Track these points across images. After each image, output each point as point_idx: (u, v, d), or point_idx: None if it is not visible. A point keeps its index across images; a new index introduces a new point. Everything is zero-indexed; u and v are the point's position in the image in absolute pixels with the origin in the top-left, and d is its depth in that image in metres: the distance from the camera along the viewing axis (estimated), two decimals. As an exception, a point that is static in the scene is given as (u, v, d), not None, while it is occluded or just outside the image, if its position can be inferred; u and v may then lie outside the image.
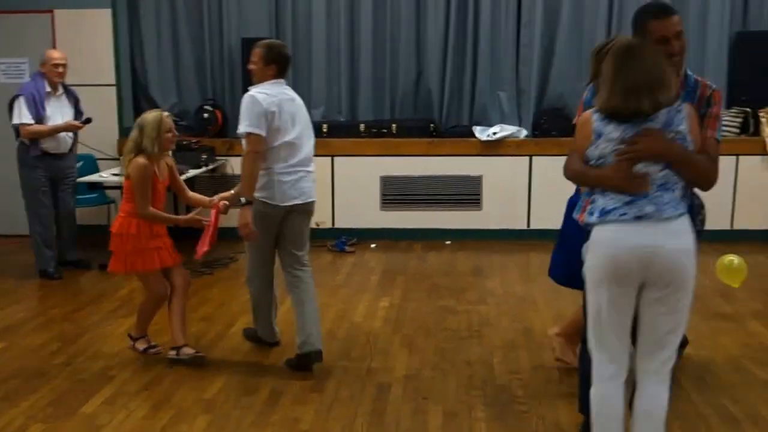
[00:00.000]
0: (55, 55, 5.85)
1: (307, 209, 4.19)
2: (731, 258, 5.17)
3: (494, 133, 6.80)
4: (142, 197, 4.04)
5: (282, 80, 4.17)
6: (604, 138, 2.74)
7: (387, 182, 7.02)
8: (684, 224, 2.73)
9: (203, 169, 6.57)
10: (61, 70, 5.81)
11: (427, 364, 4.19)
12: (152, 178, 4.10)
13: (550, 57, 7.01)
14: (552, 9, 6.95)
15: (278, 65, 4.11)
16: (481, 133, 6.86)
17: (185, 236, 4.73)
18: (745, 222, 6.84)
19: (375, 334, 4.67)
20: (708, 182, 2.83)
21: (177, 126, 4.42)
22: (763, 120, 6.68)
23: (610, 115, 2.72)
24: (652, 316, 2.73)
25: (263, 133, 3.95)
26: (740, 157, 6.72)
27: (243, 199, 3.97)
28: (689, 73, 3.08)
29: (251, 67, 4.15)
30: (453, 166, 6.91)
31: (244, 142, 3.98)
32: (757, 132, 6.74)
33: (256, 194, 4.01)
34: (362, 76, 7.19)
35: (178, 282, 4.25)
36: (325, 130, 7.00)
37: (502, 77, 7.08)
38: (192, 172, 6.31)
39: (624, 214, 2.68)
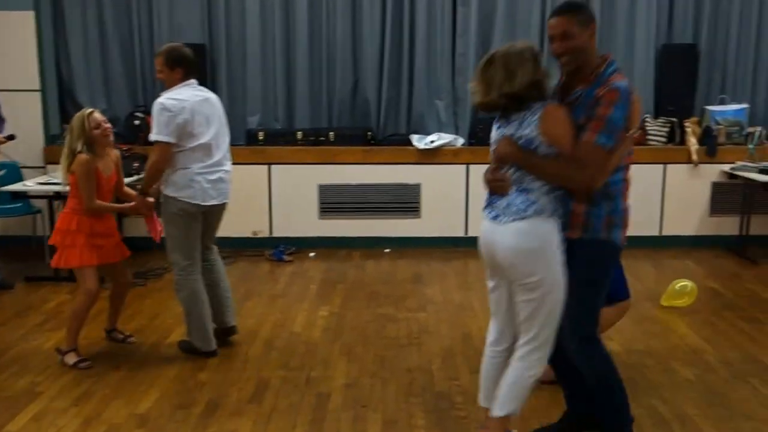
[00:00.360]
0: None
1: (223, 208, 4.46)
2: (684, 283, 5.36)
3: (432, 142, 6.86)
4: (87, 191, 4.16)
5: (193, 81, 4.26)
6: (492, 141, 3.07)
7: (325, 190, 7.00)
8: (520, 226, 2.92)
9: (135, 177, 6.43)
10: None
11: (366, 373, 4.19)
12: (96, 174, 4.18)
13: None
14: (486, 20, 7.05)
15: (184, 67, 4.19)
16: (419, 141, 6.91)
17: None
18: (673, 228, 7.06)
19: (314, 343, 4.65)
20: (572, 184, 2.94)
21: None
22: (689, 130, 6.91)
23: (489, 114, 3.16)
24: (514, 302, 3.07)
25: (172, 140, 4.07)
26: (667, 166, 6.93)
27: (142, 192, 4.29)
28: (608, 71, 2.97)
29: (159, 76, 4.25)
30: (391, 175, 6.95)
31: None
32: (683, 141, 6.96)
33: (178, 194, 4.16)
34: (299, 83, 7.16)
35: (121, 280, 4.49)
36: (261, 137, 6.95)
37: (439, 86, 7.15)
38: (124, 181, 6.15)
39: (488, 212, 3.04)
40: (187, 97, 4.13)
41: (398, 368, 4.25)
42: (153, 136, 4.09)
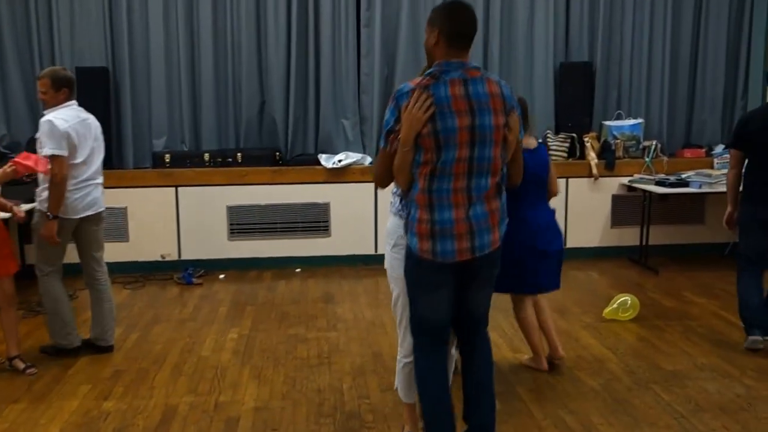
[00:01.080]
0: None
1: (98, 217, 4.72)
2: (624, 298, 5.47)
3: (339, 161, 6.88)
4: None
5: (74, 102, 4.55)
6: None
7: (234, 212, 6.91)
8: (387, 224, 3.34)
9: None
10: None
11: (276, 395, 4.14)
12: None
13: (389, 86, 7.19)
14: (390, 40, 7.16)
15: (69, 88, 4.50)
16: (327, 161, 6.91)
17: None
18: (577, 240, 7.27)
19: (223, 366, 4.57)
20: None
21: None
22: (588, 144, 7.16)
23: None
24: None
25: (66, 153, 4.36)
26: (569, 180, 7.15)
27: (51, 215, 4.38)
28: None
29: (42, 97, 4.47)
30: (300, 194, 6.92)
31: (49, 166, 4.30)
32: (583, 156, 7.20)
33: (46, 208, 4.41)
34: (205, 105, 7.07)
35: (9, 291, 4.41)
36: (167, 160, 6.81)
37: (345, 106, 7.19)
38: (25, 207, 5.91)
39: None
40: (69, 117, 4.43)
41: (309, 389, 4.22)
42: (50, 151, 4.29)
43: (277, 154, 7.04)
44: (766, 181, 4.66)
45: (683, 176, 6.86)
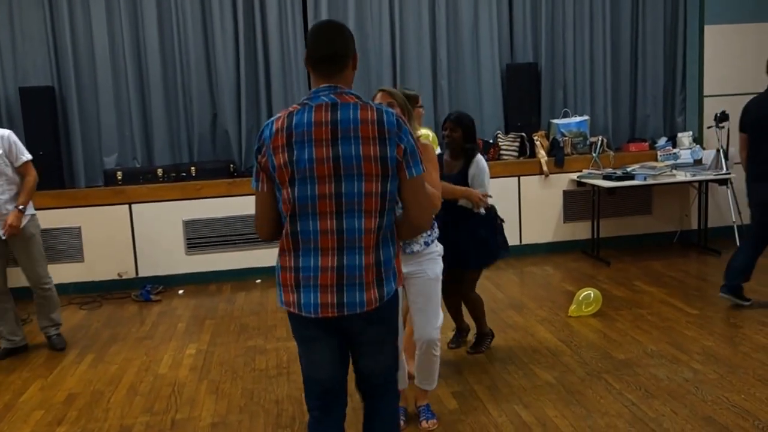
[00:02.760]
0: None
1: None
2: (587, 292, 5.55)
3: (293, 170, 6.89)
4: None
5: None
6: None
7: (190, 226, 6.90)
8: None
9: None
10: None
11: (234, 408, 4.16)
12: None
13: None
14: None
15: None
16: (281, 170, 6.92)
17: None
18: (531, 237, 7.40)
19: (180, 383, 4.57)
20: None
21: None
22: (537, 143, 7.29)
23: None
24: None
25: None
26: (521, 178, 7.27)
27: (22, 207, 4.99)
28: None
29: None
30: (256, 205, 6.92)
31: (25, 167, 5.04)
32: (534, 154, 7.33)
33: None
34: (155, 120, 7.04)
35: None
36: (119, 177, 6.78)
37: (298, 114, 7.20)
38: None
39: None
40: None
41: (267, 400, 4.25)
42: (28, 156, 5.09)
43: (232, 165, 7.04)
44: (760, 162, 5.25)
45: (629, 169, 7.03)
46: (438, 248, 3.71)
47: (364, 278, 2.50)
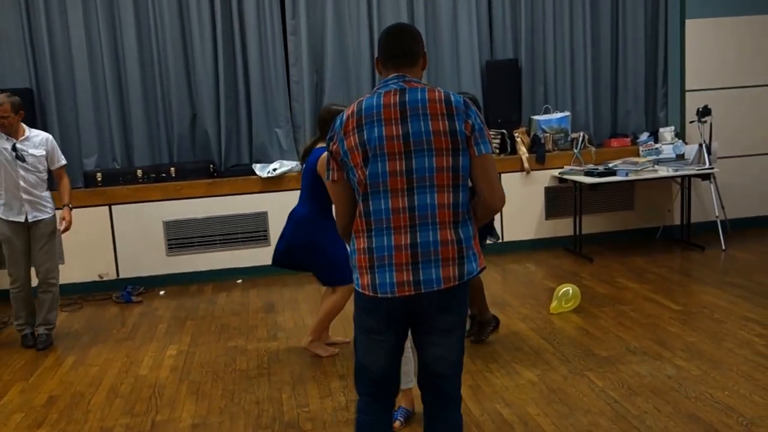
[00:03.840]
0: None
1: None
2: (566, 288, 5.55)
3: (274, 170, 6.86)
4: None
5: None
6: None
7: (171, 227, 6.85)
8: None
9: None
10: None
11: (214, 410, 4.12)
12: None
13: (320, 93, 7.21)
14: (317, 48, 7.17)
15: (24, 111, 5.24)
16: (262, 170, 6.89)
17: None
18: (513, 234, 7.39)
19: (161, 385, 4.53)
20: None
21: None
22: (518, 139, 7.27)
23: None
24: None
25: None
26: (502, 175, 7.24)
27: (72, 206, 5.49)
28: None
29: (6, 121, 5.05)
30: (237, 205, 6.89)
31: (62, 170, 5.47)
32: (515, 151, 7.32)
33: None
34: (134, 121, 6.98)
35: None
36: (99, 179, 6.72)
37: (277, 114, 7.18)
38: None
39: None
40: None
41: (247, 401, 4.21)
42: (65, 160, 5.50)
43: (212, 166, 7.00)
44: None
45: (611, 165, 7.03)
46: None
47: (440, 254, 2.53)
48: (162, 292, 6.70)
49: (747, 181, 7.71)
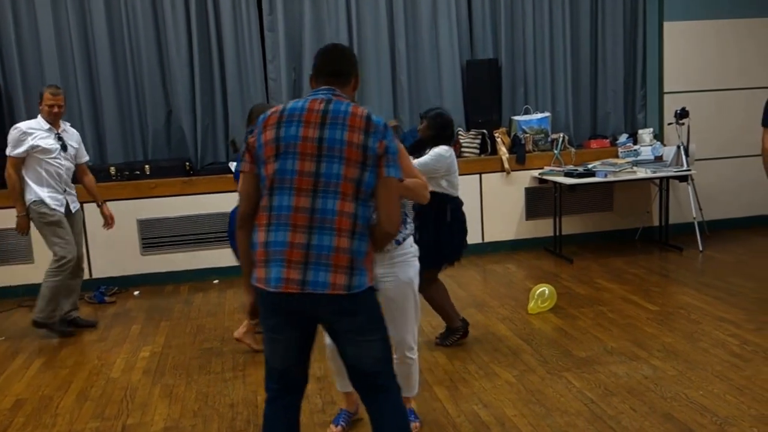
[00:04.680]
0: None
1: None
2: (542, 289, 5.53)
3: (251, 168, 6.77)
4: None
5: None
6: None
7: (145, 225, 6.75)
8: None
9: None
10: None
11: (188, 413, 4.04)
12: None
13: (298, 90, 7.14)
14: (294, 44, 7.10)
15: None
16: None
17: None
18: (493, 235, 7.37)
19: (133, 387, 4.44)
20: None
21: None
22: (499, 140, 7.25)
23: None
24: None
25: None
26: (483, 175, 7.24)
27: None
28: None
29: (62, 110, 5.37)
30: (213, 204, 6.79)
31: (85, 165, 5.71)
32: (495, 151, 7.29)
33: None
34: (107, 118, 6.87)
35: None
36: (71, 176, 6.61)
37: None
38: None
39: None
40: None
41: (221, 404, 4.13)
42: (87, 156, 5.72)
43: (187, 164, 6.90)
44: None
45: (590, 166, 7.03)
46: (413, 249, 3.51)
47: (332, 260, 2.55)
48: (136, 293, 6.60)
49: (723, 183, 7.76)
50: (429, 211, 4.48)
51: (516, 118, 7.42)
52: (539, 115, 7.41)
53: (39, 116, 5.33)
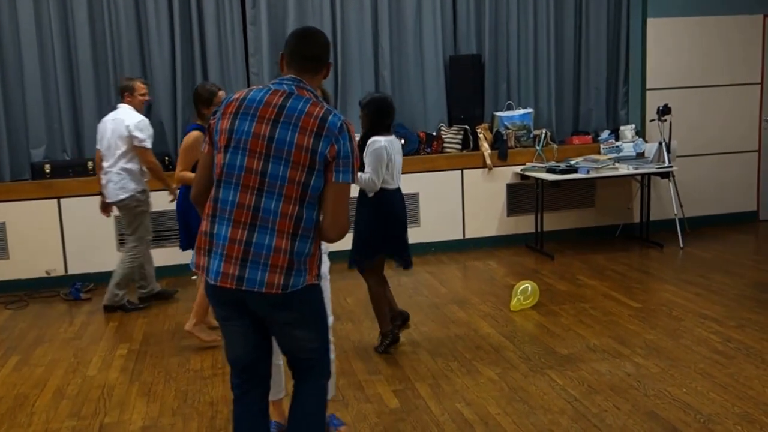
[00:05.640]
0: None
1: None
2: (525, 286, 5.49)
3: (231, 163, 6.69)
4: None
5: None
6: None
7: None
8: None
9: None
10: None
11: (166, 411, 3.97)
12: None
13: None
14: (277, 38, 6.99)
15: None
16: (219, 162, 6.72)
17: None
18: (475, 231, 7.34)
19: (110, 386, 4.36)
20: None
21: None
22: (481, 135, 7.22)
23: None
24: None
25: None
26: (464, 171, 7.20)
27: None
28: None
29: (148, 97, 5.85)
30: (192, 198, 6.70)
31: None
32: (477, 146, 7.26)
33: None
34: (86, 111, 6.74)
35: None
36: (47, 170, 6.49)
37: (236, 105, 7.01)
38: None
39: None
40: None
41: (201, 402, 4.07)
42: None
43: (167, 158, 6.79)
44: None
45: (572, 162, 7.02)
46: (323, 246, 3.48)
47: (270, 260, 2.55)
48: (113, 289, 6.50)
49: (704, 180, 7.79)
50: (364, 203, 4.52)
51: (498, 113, 7.39)
52: (522, 111, 7.38)
53: (128, 107, 5.69)
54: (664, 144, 7.04)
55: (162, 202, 6.31)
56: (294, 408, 2.83)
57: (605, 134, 7.55)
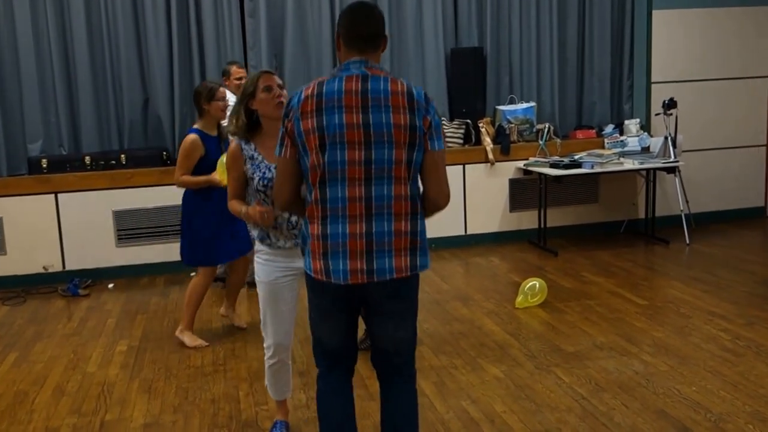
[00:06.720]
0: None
1: None
2: (532, 283, 5.41)
3: (230, 158, 6.62)
4: None
5: None
6: None
7: (121, 216, 6.56)
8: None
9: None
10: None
11: (167, 408, 3.90)
12: None
13: (280, 77, 6.96)
14: (276, 31, 6.93)
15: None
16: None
17: None
18: (477, 227, 7.26)
19: (110, 382, 4.29)
20: None
21: None
22: (483, 130, 7.14)
23: None
24: None
25: None
26: (466, 166, 7.12)
27: None
28: None
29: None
30: (191, 194, 6.63)
31: None
32: (479, 141, 7.18)
33: None
34: (83, 105, 6.66)
35: None
36: (44, 165, 6.40)
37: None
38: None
39: None
40: None
41: (202, 399, 4.00)
42: None
43: (165, 153, 6.72)
44: None
45: (576, 157, 6.94)
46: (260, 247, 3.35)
47: (394, 245, 2.56)
48: (111, 285, 6.41)
49: (711, 176, 7.71)
50: None
51: (501, 107, 7.31)
52: (524, 105, 7.30)
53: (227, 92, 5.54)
54: (669, 138, 6.97)
55: (171, 195, 6.22)
56: (389, 413, 2.83)
57: (609, 128, 7.47)
